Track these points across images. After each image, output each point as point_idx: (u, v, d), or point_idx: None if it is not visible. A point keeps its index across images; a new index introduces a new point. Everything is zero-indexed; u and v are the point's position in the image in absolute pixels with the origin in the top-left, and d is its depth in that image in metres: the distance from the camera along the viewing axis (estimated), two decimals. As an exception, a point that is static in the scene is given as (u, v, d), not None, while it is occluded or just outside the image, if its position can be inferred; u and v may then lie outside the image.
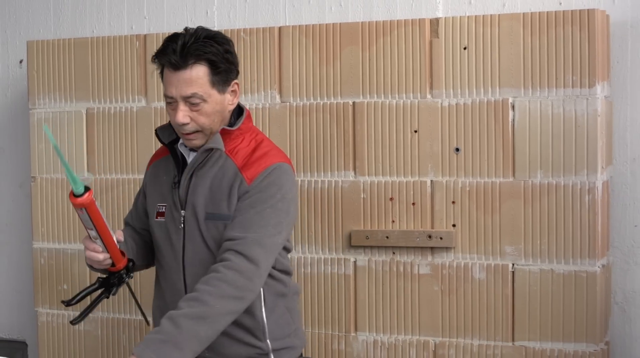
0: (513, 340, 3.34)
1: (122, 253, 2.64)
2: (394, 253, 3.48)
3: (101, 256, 2.58)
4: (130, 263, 2.69)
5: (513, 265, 3.33)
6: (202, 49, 2.55)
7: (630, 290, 3.51)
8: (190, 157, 2.70)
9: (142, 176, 2.93)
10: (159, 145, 2.85)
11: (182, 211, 2.67)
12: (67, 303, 2.62)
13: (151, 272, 2.92)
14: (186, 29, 2.63)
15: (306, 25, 3.60)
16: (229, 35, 3.64)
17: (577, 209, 3.23)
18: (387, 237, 3.46)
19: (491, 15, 3.34)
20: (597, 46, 3.21)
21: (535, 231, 3.29)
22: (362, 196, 3.51)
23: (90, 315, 3.84)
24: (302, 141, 3.58)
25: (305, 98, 3.58)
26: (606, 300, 3.40)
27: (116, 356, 3.91)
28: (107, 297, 2.70)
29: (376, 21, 3.50)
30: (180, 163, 2.71)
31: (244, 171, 2.62)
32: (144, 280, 3.61)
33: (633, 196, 3.49)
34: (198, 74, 2.56)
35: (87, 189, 2.39)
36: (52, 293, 4.01)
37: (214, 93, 2.60)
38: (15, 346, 4.53)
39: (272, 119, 3.61)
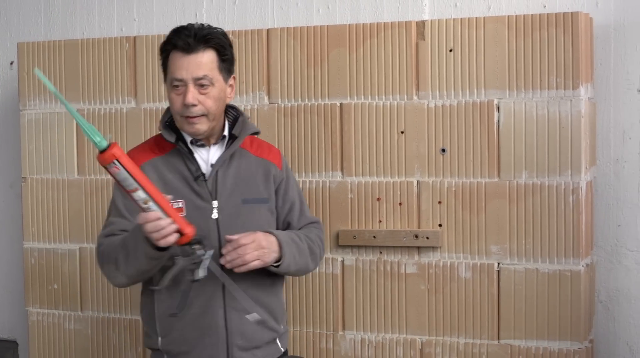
0: (499, 338, 3.37)
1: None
2: (381, 252, 3.51)
3: (166, 221, 2.47)
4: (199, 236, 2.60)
5: (498, 264, 3.36)
6: (212, 36, 2.71)
7: (614, 288, 3.55)
8: (197, 152, 2.78)
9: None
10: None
11: (213, 202, 2.74)
12: (155, 289, 2.67)
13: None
14: (190, 23, 2.76)
15: (294, 28, 3.63)
16: (217, 37, 3.68)
17: (561, 209, 3.27)
18: (374, 237, 3.49)
19: (476, 17, 3.38)
20: (581, 48, 3.25)
21: (520, 231, 3.32)
22: (349, 196, 3.54)
23: (80, 314, 3.89)
24: (290, 141, 3.61)
25: (293, 99, 3.61)
26: (590, 298, 3.43)
27: (106, 355, 3.93)
28: (196, 280, 2.57)
29: (363, 23, 3.53)
30: (194, 159, 2.77)
31: (270, 158, 2.90)
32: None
33: (616, 196, 3.53)
34: (209, 58, 2.70)
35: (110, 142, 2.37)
36: (43, 293, 4.03)
37: (220, 79, 2.73)
38: (5, 345, 4.54)
39: (261, 120, 3.64)
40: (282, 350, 2.89)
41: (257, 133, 2.90)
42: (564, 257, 3.28)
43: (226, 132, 2.82)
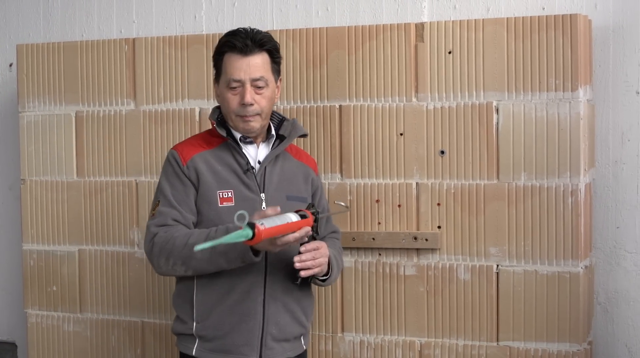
0: (497, 340, 3.37)
1: (302, 216, 2.68)
2: (380, 254, 3.51)
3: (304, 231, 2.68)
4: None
5: (497, 266, 3.36)
6: (267, 39, 2.89)
7: (613, 290, 3.55)
8: (245, 149, 2.91)
9: (130, 179, 2.97)
10: (149, 148, 2.94)
11: (262, 194, 2.86)
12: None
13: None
14: (242, 27, 2.91)
15: (293, 30, 3.63)
16: (216, 39, 3.68)
17: (560, 211, 3.27)
18: (373, 239, 3.49)
19: (475, 20, 3.38)
20: (580, 50, 3.25)
21: (519, 233, 3.33)
22: (348, 198, 3.54)
23: (79, 315, 3.88)
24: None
25: (292, 101, 3.62)
26: (589, 300, 3.44)
27: (105, 357, 3.93)
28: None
29: (362, 25, 3.53)
30: (243, 153, 2.89)
31: (308, 164, 3.09)
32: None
33: (615, 198, 3.54)
34: (264, 60, 2.87)
35: (252, 229, 2.42)
36: (42, 295, 4.03)
37: (272, 80, 2.91)
38: (4, 347, 4.54)
39: (260, 122, 3.64)
40: (304, 347, 3.00)
41: (305, 135, 3.06)
42: (562, 259, 3.28)
43: (274, 132, 2.96)
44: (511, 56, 3.32)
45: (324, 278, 2.90)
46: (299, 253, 2.74)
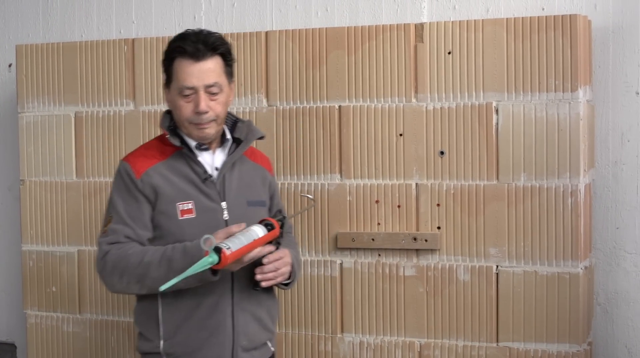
0: (497, 340, 3.37)
1: (268, 225, 2.65)
2: (379, 255, 3.51)
3: (267, 249, 2.67)
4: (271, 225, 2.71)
5: (497, 266, 3.36)
6: (219, 42, 2.74)
7: (613, 291, 3.55)
8: (201, 156, 2.80)
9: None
10: None
11: (222, 203, 2.78)
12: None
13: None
14: (191, 29, 2.78)
15: (292, 30, 3.63)
16: (216, 40, 3.68)
17: (560, 211, 3.27)
18: (373, 239, 3.49)
19: (475, 20, 3.38)
20: (579, 51, 3.25)
21: (519, 233, 3.32)
22: (348, 198, 3.54)
23: (79, 316, 3.88)
24: (289, 144, 3.61)
25: (291, 102, 3.61)
26: (589, 301, 3.43)
27: (105, 357, 3.94)
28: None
29: (362, 26, 3.53)
30: (199, 162, 2.80)
31: (263, 165, 2.99)
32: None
33: (615, 198, 3.53)
34: (217, 64, 2.73)
35: (218, 254, 2.43)
36: (41, 295, 4.03)
37: (226, 84, 2.78)
38: (4, 348, 4.54)
39: (259, 123, 3.64)
40: (272, 350, 2.94)
41: (262, 137, 2.95)
42: (562, 260, 3.28)
43: (229, 136, 2.86)
44: (511, 57, 3.32)
45: (287, 282, 2.84)
46: (261, 263, 2.68)
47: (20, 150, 4.05)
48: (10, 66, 4.44)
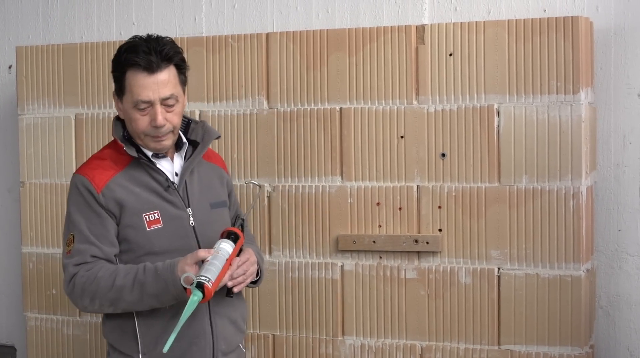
0: (499, 343, 3.36)
1: (232, 236, 2.65)
2: (380, 257, 3.50)
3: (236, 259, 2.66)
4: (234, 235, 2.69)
5: (499, 269, 3.35)
6: (172, 52, 2.67)
7: (615, 293, 3.54)
8: (159, 163, 2.75)
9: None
10: None
11: (188, 210, 2.75)
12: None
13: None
14: (140, 37, 2.69)
15: (293, 32, 3.62)
16: (216, 42, 3.69)
17: (561, 214, 3.26)
18: (374, 242, 3.48)
19: (476, 22, 3.37)
20: (581, 53, 3.24)
21: (521, 236, 3.31)
22: (349, 201, 3.53)
23: (79, 319, 3.87)
24: (290, 146, 3.60)
25: (292, 104, 3.60)
26: (591, 304, 3.42)
27: (105, 360, 3.92)
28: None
29: (363, 28, 3.52)
30: (159, 169, 2.74)
31: (218, 164, 2.97)
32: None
33: (617, 201, 3.52)
34: (171, 75, 2.67)
35: (201, 290, 2.44)
36: (41, 298, 4.02)
37: (182, 93, 2.72)
38: (4, 351, 4.53)
39: (260, 125, 3.63)
40: (244, 350, 2.95)
41: (219, 137, 2.92)
42: (564, 262, 3.27)
43: (185, 139, 2.81)
44: (512, 59, 3.31)
45: (255, 280, 2.82)
46: None
47: (20, 152, 4.04)
48: (10, 67, 4.43)
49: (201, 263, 2.54)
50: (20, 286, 4.27)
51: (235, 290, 2.67)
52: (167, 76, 2.64)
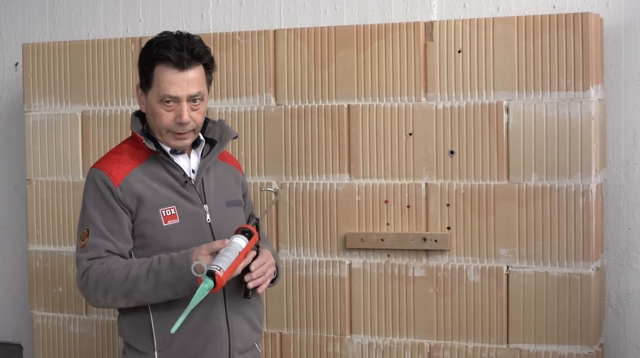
0: (508, 342, 3.35)
1: (246, 233, 2.63)
2: (388, 255, 3.48)
3: (251, 256, 2.65)
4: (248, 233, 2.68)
5: (508, 267, 3.33)
6: (203, 51, 2.68)
7: (624, 292, 3.52)
8: (177, 159, 2.75)
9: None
10: None
11: (205, 206, 2.74)
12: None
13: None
14: (170, 33, 2.70)
15: (301, 29, 3.61)
16: (224, 38, 3.68)
17: (571, 212, 3.24)
18: (382, 240, 3.47)
19: (485, 18, 3.35)
20: (591, 50, 3.22)
21: (530, 234, 3.30)
22: (357, 198, 3.51)
23: (85, 317, 3.87)
24: (297, 143, 3.59)
25: (300, 101, 3.59)
26: (600, 302, 3.41)
27: (111, 358, 3.92)
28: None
29: (371, 24, 3.51)
30: (177, 165, 2.74)
31: (234, 165, 2.96)
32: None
33: (627, 198, 3.51)
34: (200, 74, 2.68)
35: (212, 277, 2.42)
36: (47, 296, 4.01)
37: (206, 93, 2.73)
38: (10, 349, 4.53)
39: (267, 122, 3.62)
40: (259, 350, 2.93)
41: (236, 137, 2.91)
42: (573, 260, 3.25)
43: (202, 137, 2.81)
44: (521, 55, 3.29)
45: (273, 279, 2.81)
46: (249, 270, 2.63)
47: (27, 149, 4.03)
48: (16, 64, 4.43)
49: (216, 254, 2.54)
50: (26, 284, 4.26)
51: (259, 290, 2.67)
52: (196, 74, 2.65)
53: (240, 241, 2.56)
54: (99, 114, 3.90)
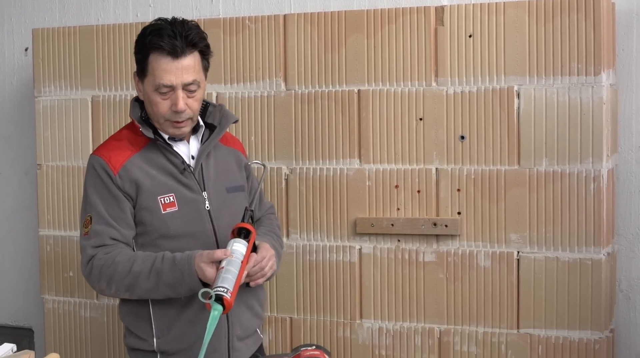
0: (518, 327, 3.34)
1: (244, 232, 2.58)
2: (399, 240, 3.48)
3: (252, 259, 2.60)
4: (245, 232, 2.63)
5: (518, 252, 3.33)
6: (197, 37, 2.64)
7: (635, 277, 3.52)
8: (176, 146, 2.74)
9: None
10: None
11: (203, 193, 2.72)
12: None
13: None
14: (165, 20, 2.67)
15: (311, 13, 3.59)
16: (234, 23, 3.67)
17: (582, 197, 3.24)
18: (392, 225, 3.46)
19: (496, 2, 3.34)
20: (603, 34, 3.20)
21: (541, 219, 3.29)
22: (367, 183, 3.51)
23: (96, 301, 3.88)
24: (308, 128, 3.58)
25: (310, 86, 3.58)
26: (611, 287, 3.40)
27: (122, 343, 3.92)
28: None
29: (381, 9, 3.49)
30: (176, 152, 2.73)
31: (237, 147, 2.94)
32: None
33: (638, 184, 3.49)
34: (195, 61, 2.65)
35: (220, 302, 2.37)
36: (58, 280, 4.02)
37: (204, 79, 2.72)
38: (21, 333, 4.55)
39: (278, 107, 3.62)
40: (262, 337, 2.93)
41: (236, 121, 2.89)
42: (584, 246, 3.24)
43: (202, 122, 2.80)
44: (533, 40, 3.28)
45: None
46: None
47: (37, 135, 4.04)
48: (26, 49, 4.43)
49: (218, 263, 2.51)
50: (37, 268, 4.27)
51: (252, 285, 2.64)
52: (190, 62, 2.62)
53: (241, 248, 2.52)
54: (108, 99, 3.90)
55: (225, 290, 2.38)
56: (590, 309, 3.25)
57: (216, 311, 2.34)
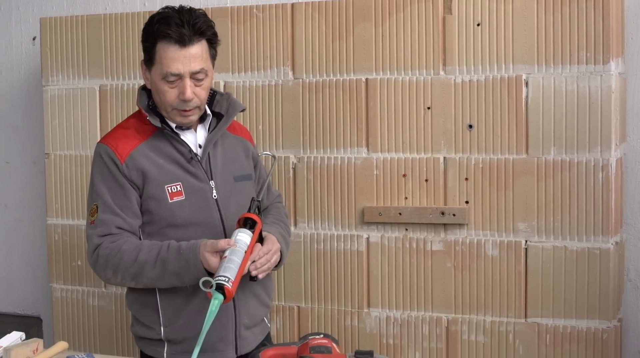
0: (526, 316, 3.34)
1: (249, 223, 2.59)
2: (406, 229, 3.48)
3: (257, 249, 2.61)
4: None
5: (526, 241, 3.33)
6: (205, 26, 2.64)
7: (643, 267, 3.52)
8: (183, 135, 2.73)
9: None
10: None
11: (211, 182, 2.72)
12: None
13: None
14: (172, 8, 2.66)
15: (319, 2, 3.59)
16: (241, 12, 3.66)
17: (590, 186, 3.23)
18: (400, 214, 3.46)
19: (505, -9, 3.33)
20: (612, 22, 3.19)
21: (549, 208, 3.28)
22: (375, 172, 3.51)
23: (104, 290, 3.88)
24: (315, 117, 3.58)
25: (318, 75, 3.58)
26: (619, 277, 3.39)
27: (129, 331, 3.91)
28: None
29: (389, -3, 3.49)
30: (183, 141, 2.72)
31: (244, 136, 2.93)
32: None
33: (647, 173, 3.49)
34: (202, 49, 2.64)
35: (222, 291, 2.37)
36: (67, 269, 4.03)
37: (211, 68, 2.70)
38: (29, 321, 4.56)
39: (285, 96, 3.61)
40: (269, 325, 2.93)
41: (244, 110, 2.89)
42: (592, 235, 3.24)
43: (209, 111, 2.79)
44: (541, 28, 3.26)
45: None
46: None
47: (45, 124, 4.04)
48: (34, 39, 4.43)
49: (222, 252, 2.51)
50: (45, 257, 4.28)
51: (259, 277, 2.63)
52: (198, 50, 2.61)
53: (245, 238, 2.52)
54: (116, 88, 3.90)
55: (227, 279, 2.38)
56: (598, 298, 3.24)
57: (216, 300, 2.35)
